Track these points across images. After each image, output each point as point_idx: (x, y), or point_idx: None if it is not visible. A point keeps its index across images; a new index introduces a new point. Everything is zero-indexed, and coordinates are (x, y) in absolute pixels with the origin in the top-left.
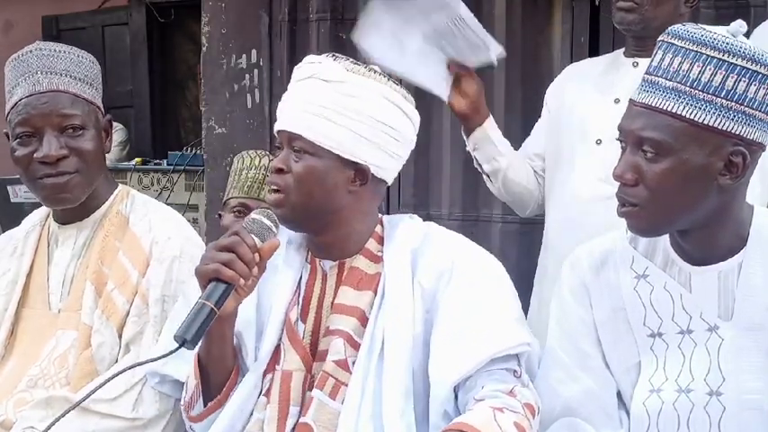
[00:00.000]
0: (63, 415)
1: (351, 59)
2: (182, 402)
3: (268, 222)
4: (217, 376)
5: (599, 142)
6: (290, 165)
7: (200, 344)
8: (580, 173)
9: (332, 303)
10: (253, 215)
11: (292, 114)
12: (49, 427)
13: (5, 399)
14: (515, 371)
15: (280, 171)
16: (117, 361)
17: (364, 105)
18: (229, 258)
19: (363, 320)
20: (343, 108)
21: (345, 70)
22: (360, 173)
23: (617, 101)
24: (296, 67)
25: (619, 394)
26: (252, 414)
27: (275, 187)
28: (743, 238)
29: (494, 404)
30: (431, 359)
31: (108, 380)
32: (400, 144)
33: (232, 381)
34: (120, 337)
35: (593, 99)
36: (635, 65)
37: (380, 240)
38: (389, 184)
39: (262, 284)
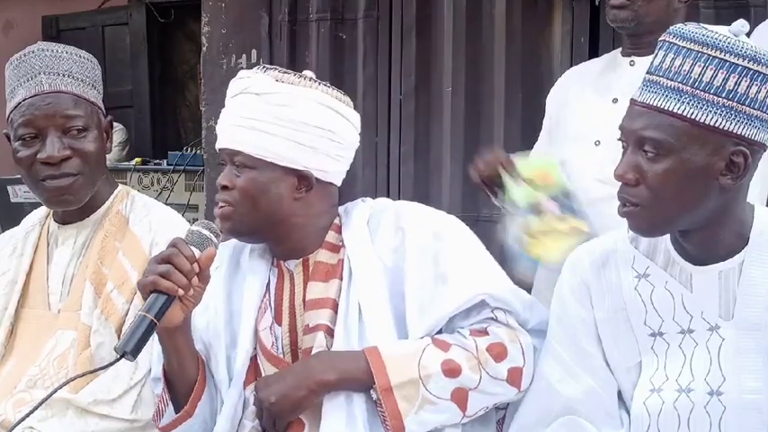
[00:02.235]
0: (32, 411)
1: (280, 69)
2: (152, 414)
3: (207, 233)
4: (180, 386)
5: (597, 143)
6: (234, 181)
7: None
8: (579, 174)
9: (303, 300)
10: (192, 227)
11: (228, 131)
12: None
13: (5, 399)
14: (492, 318)
15: (224, 188)
16: None
17: (297, 113)
18: (166, 269)
19: (335, 308)
20: (276, 118)
21: (275, 81)
22: (303, 179)
23: (615, 101)
24: (230, 82)
25: (619, 394)
26: (241, 421)
27: (222, 204)
28: (744, 238)
29: (444, 338)
30: (409, 331)
31: (62, 384)
32: (341, 146)
33: (197, 391)
34: (119, 337)
35: (591, 100)
36: (632, 63)
37: (339, 230)
38: (338, 185)
39: (231, 293)
